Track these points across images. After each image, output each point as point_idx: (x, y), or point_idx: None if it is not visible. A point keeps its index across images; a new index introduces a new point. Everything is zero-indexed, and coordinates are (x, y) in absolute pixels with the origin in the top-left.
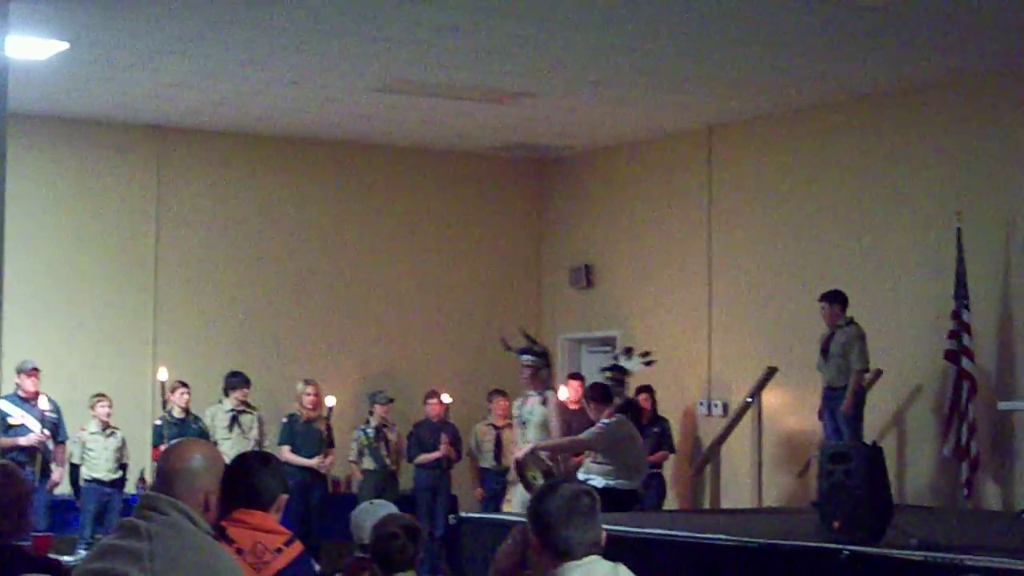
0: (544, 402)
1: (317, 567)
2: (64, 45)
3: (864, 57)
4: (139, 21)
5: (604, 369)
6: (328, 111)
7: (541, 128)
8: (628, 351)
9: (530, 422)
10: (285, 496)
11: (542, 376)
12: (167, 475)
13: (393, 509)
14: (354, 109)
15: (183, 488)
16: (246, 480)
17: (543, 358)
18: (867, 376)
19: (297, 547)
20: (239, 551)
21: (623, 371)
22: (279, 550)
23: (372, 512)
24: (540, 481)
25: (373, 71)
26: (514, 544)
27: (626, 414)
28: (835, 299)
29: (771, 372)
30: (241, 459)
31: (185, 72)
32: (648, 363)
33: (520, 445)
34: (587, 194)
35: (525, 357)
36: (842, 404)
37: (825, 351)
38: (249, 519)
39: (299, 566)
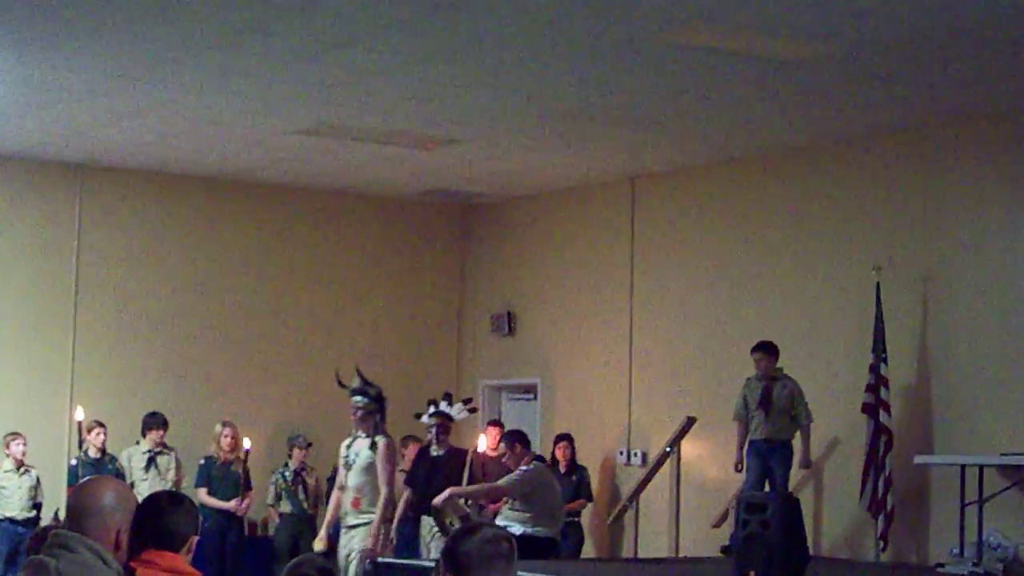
0: (372, 446)
1: None
2: None
3: (787, 111)
4: (61, 58)
5: (429, 415)
6: (251, 153)
7: (465, 175)
8: (448, 396)
9: (355, 465)
10: (196, 538)
11: (374, 419)
12: (78, 513)
13: None
14: (277, 152)
15: (95, 525)
16: (156, 520)
17: (377, 401)
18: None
19: None
20: None
21: (448, 417)
22: None
23: None
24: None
25: (297, 114)
26: None
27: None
28: (772, 350)
29: (690, 422)
30: (152, 499)
31: (107, 111)
32: (471, 410)
33: (346, 487)
34: (510, 241)
35: (356, 398)
36: (799, 457)
37: (766, 404)
38: (159, 560)
39: None
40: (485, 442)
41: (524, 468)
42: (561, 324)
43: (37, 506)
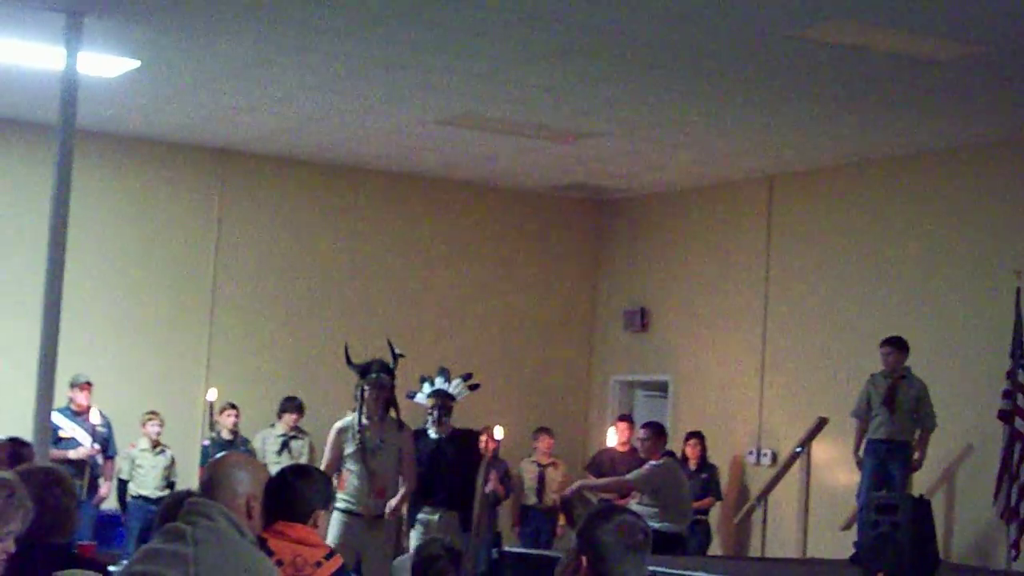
0: (400, 429)
1: None
2: (135, 63)
3: (929, 112)
4: (209, 43)
5: (428, 395)
6: (391, 142)
7: (602, 169)
8: (444, 372)
9: (385, 450)
10: (323, 512)
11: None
12: (211, 484)
13: None
14: (417, 141)
15: (225, 495)
16: (284, 492)
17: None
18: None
19: (337, 561)
20: (279, 563)
21: (449, 397)
22: (319, 564)
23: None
24: None
25: (437, 104)
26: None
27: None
28: (902, 346)
29: (822, 423)
30: (282, 472)
31: (251, 96)
32: (472, 387)
33: (364, 474)
34: (645, 237)
35: (383, 376)
36: (913, 460)
37: (890, 403)
38: (289, 531)
39: None
40: (615, 437)
41: (653, 463)
42: (694, 322)
43: (171, 485)
